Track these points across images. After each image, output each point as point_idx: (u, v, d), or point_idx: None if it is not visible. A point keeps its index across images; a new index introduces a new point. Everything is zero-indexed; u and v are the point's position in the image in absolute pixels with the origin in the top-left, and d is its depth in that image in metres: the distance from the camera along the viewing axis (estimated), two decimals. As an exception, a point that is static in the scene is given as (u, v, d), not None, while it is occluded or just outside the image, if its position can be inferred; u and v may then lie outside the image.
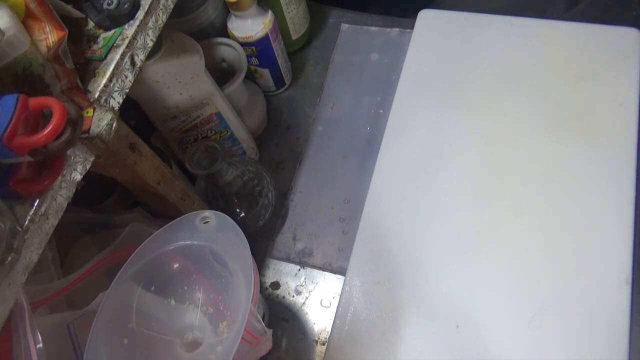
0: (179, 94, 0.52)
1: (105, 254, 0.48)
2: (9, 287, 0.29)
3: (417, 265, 0.52)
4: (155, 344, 0.45)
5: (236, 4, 0.58)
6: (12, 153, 0.26)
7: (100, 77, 0.34)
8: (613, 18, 0.63)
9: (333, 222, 0.62)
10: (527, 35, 0.61)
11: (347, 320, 0.51)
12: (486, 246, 0.51)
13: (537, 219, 0.51)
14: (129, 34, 0.35)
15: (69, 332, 0.43)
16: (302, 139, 0.68)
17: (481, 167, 0.55)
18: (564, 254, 0.49)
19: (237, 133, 0.62)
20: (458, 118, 0.58)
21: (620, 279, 0.46)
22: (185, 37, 0.51)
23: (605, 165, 0.52)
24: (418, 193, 0.55)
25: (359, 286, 0.52)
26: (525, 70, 0.59)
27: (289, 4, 0.65)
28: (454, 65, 0.61)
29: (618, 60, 0.56)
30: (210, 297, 0.47)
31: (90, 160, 0.34)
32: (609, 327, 0.45)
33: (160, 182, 0.44)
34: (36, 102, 0.27)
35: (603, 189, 0.51)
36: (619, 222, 0.49)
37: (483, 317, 0.48)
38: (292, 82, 0.73)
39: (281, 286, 0.60)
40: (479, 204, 0.53)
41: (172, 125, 0.57)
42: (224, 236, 0.44)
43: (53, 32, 0.31)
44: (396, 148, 0.58)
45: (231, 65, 0.63)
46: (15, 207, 0.30)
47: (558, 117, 0.55)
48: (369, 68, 0.71)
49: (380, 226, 0.54)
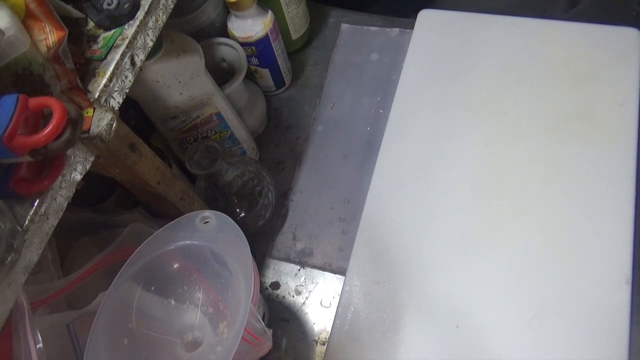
0: (179, 94, 0.52)
1: (105, 254, 0.48)
2: (9, 287, 0.29)
3: (417, 265, 0.52)
4: (155, 344, 0.45)
5: (236, 4, 0.58)
6: (12, 153, 0.26)
7: (100, 77, 0.34)
8: (613, 18, 0.63)
9: (333, 222, 0.62)
10: (527, 35, 0.61)
11: (347, 320, 0.51)
12: (486, 246, 0.51)
13: (537, 219, 0.51)
14: (129, 34, 0.35)
15: (69, 332, 0.43)
16: (302, 139, 0.68)
17: (481, 167, 0.55)
18: (564, 254, 0.49)
19: (237, 133, 0.62)
20: (458, 118, 0.58)
21: (620, 279, 0.46)
22: (185, 37, 0.51)
23: (605, 165, 0.52)
24: (418, 193, 0.55)
25: (359, 286, 0.52)
26: (525, 70, 0.59)
27: (289, 4, 0.65)
28: (454, 65, 0.61)
29: (618, 60, 0.56)
30: (210, 297, 0.47)
31: (90, 160, 0.34)
32: (609, 327, 0.45)
33: (160, 182, 0.44)
34: (36, 102, 0.27)
35: (603, 189, 0.51)
36: (619, 222, 0.49)
37: (483, 317, 0.48)
38: (292, 82, 0.73)
39: (281, 286, 0.60)
40: (479, 204, 0.53)
41: (172, 125, 0.57)
42: (224, 236, 0.44)
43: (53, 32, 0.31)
44: (396, 148, 0.58)
45: (231, 65, 0.63)
46: (15, 207, 0.30)
47: (558, 117, 0.55)
48: (369, 68, 0.71)
49: (380, 226, 0.54)
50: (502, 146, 0.55)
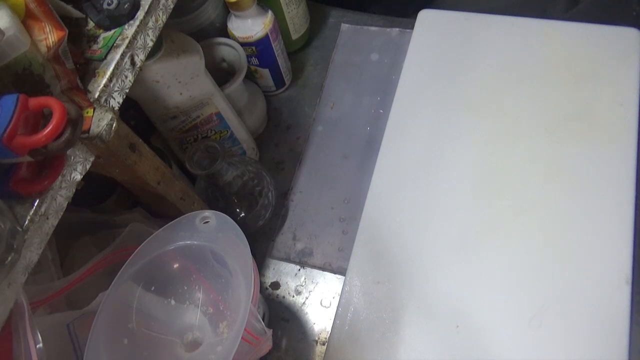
0: (179, 94, 0.52)
1: (105, 254, 0.48)
2: (9, 287, 0.29)
3: (417, 265, 0.52)
4: (155, 344, 0.45)
5: (236, 4, 0.58)
6: (12, 153, 0.26)
7: (100, 77, 0.34)
8: (613, 18, 0.63)
9: (333, 222, 0.62)
10: (527, 35, 0.60)
11: (347, 320, 0.51)
12: (486, 246, 0.51)
13: (537, 219, 0.51)
14: (129, 34, 0.35)
15: (69, 332, 0.43)
16: (302, 139, 0.68)
17: (481, 167, 0.55)
18: (564, 254, 0.49)
19: (237, 133, 0.62)
20: (458, 118, 0.58)
21: (620, 279, 0.46)
22: (185, 37, 0.51)
23: (605, 165, 0.52)
24: (418, 193, 0.55)
25: (359, 286, 0.52)
26: (525, 70, 0.59)
27: (289, 4, 0.65)
28: (454, 65, 0.61)
29: (618, 60, 0.56)
30: (210, 297, 0.47)
31: (90, 160, 0.34)
32: (609, 327, 0.45)
33: (160, 182, 0.44)
34: (36, 102, 0.27)
35: (603, 189, 0.51)
36: (619, 222, 0.49)
37: (483, 317, 0.48)
38: (292, 82, 0.73)
39: (281, 286, 0.60)
40: (479, 204, 0.53)
41: (172, 125, 0.57)
42: (224, 236, 0.44)
43: (53, 32, 0.31)
44: (396, 148, 0.58)
45: (231, 65, 0.63)
46: (15, 207, 0.30)
47: (558, 117, 0.55)
48: (369, 68, 0.71)
49: (380, 226, 0.54)
50: (502, 146, 0.55)
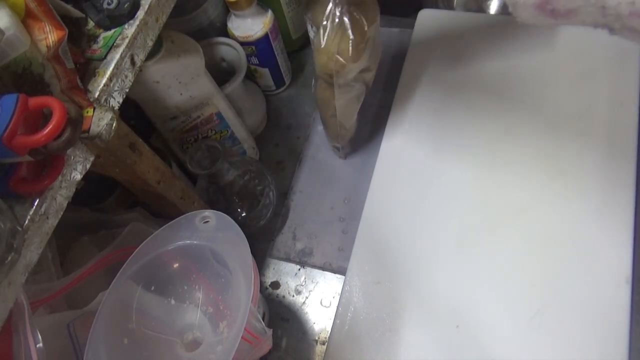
0: (179, 94, 0.52)
1: (105, 254, 0.48)
2: (9, 287, 0.29)
3: (417, 265, 0.51)
4: (155, 343, 0.45)
5: (236, 4, 0.58)
6: (12, 153, 0.26)
7: (100, 77, 0.34)
8: (613, 18, 0.63)
9: (333, 222, 0.62)
10: (527, 35, 0.60)
11: (347, 320, 0.51)
12: (486, 246, 0.51)
13: (537, 219, 0.51)
14: (129, 34, 0.35)
15: (69, 332, 0.43)
16: (302, 139, 0.68)
17: (481, 166, 0.55)
18: (564, 253, 0.49)
19: (237, 133, 0.62)
20: (458, 117, 0.58)
21: (620, 279, 0.46)
22: (186, 38, 0.51)
23: (605, 165, 0.52)
24: (418, 193, 0.55)
25: (359, 286, 0.52)
26: (525, 70, 0.59)
27: (289, 4, 0.65)
28: (454, 64, 0.61)
29: (618, 60, 0.56)
30: (210, 296, 0.47)
31: (90, 160, 0.34)
32: (609, 327, 0.45)
33: (160, 182, 0.44)
34: (36, 102, 0.27)
35: (603, 189, 0.51)
36: (619, 222, 0.49)
37: (483, 317, 0.48)
38: (292, 82, 0.73)
39: (281, 286, 0.60)
40: (479, 203, 0.53)
41: (172, 125, 0.57)
42: (224, 236, 0.44)
43: (53, 32, 0.31)
44: (396, 148, 0.58)
45: (231, 65, 0.63)
46: (15, 207, 0.30)
47: (558, 116, 0.55)
48: (369, 68, 0.70)
49: (380, 226, 0.54)
50: (502, 145, 0.55)
